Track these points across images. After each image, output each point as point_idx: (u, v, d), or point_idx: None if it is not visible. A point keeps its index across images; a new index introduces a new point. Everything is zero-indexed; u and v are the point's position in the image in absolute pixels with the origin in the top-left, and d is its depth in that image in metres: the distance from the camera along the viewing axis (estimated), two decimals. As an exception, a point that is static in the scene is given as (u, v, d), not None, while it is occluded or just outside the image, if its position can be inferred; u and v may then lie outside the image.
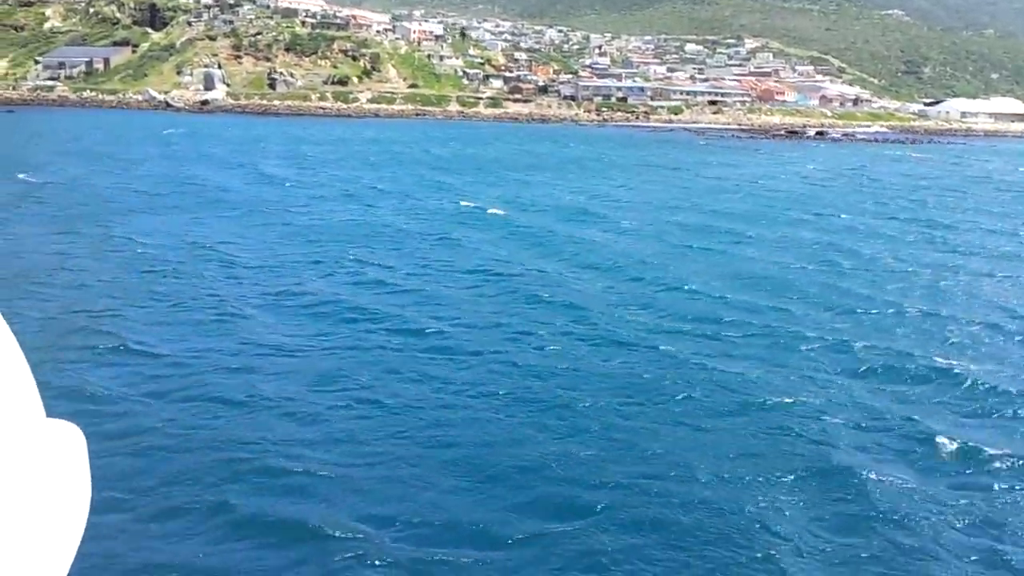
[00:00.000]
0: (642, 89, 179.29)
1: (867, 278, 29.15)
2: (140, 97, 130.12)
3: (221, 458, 13.85)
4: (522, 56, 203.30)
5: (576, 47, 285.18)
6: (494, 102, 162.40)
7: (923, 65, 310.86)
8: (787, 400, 17.07)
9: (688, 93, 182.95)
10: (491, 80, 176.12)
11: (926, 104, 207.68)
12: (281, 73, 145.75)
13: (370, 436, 14.88)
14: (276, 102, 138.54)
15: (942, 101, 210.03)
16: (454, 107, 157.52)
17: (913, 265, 31.72)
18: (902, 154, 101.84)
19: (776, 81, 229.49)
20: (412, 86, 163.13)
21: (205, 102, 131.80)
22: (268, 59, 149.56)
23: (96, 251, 29.54)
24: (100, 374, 17.53)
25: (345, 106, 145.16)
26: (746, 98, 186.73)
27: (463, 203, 43.44)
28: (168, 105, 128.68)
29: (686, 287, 26.51)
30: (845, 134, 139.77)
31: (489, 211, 40.76)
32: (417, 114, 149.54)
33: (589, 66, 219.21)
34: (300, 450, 14.27)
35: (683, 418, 16.08)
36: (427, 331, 21.21)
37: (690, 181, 59.59)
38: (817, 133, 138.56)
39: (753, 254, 32.71)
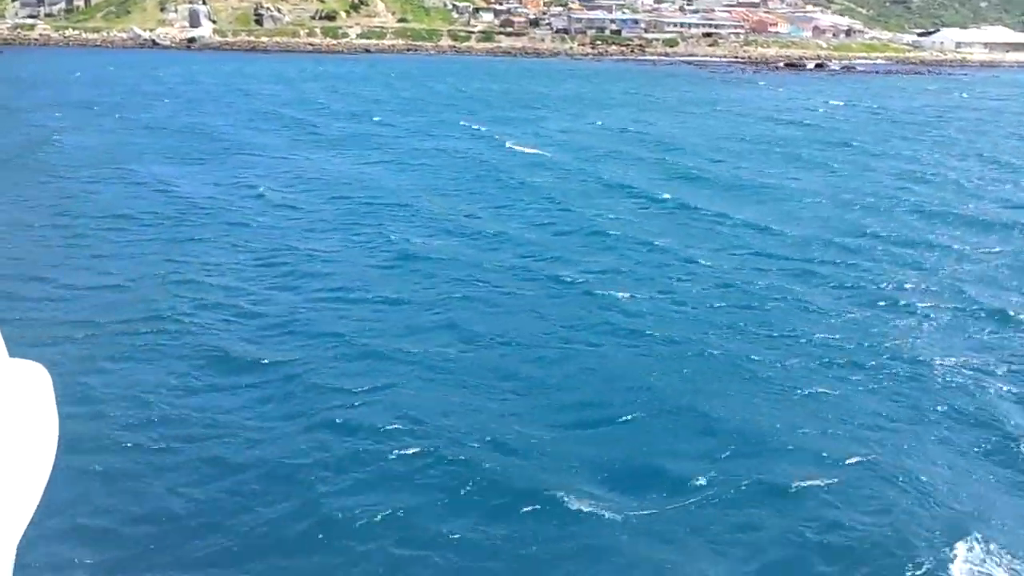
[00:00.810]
0: (636, 21, 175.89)
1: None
2: (125, 35, 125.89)
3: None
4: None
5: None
6: (486, 36, 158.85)
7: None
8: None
9: (682, 25, 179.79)
10: (481, 13, 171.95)
11: (919, 35, 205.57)
12: (268, 8, 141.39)
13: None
14: (264, 39, 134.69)
15: (935, 31, 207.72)
16: (446, 41, 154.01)
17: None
18: (918, 87, 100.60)
19: (767, 12, 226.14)
20: (401, 20, 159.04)
21: (192, 40, 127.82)
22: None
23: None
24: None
25: (335, 42, 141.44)
26: (739, 30, 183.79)
27: (513, 147, 42.08)
28: (155, 43, 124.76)
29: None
30: (845, 66, 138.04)
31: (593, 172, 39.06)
32: (409, 49, 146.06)
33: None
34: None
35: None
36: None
37: (734, 116, 58.60)
38: (816, 65, 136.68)
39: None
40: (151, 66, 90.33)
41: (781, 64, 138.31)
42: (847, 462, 12.15)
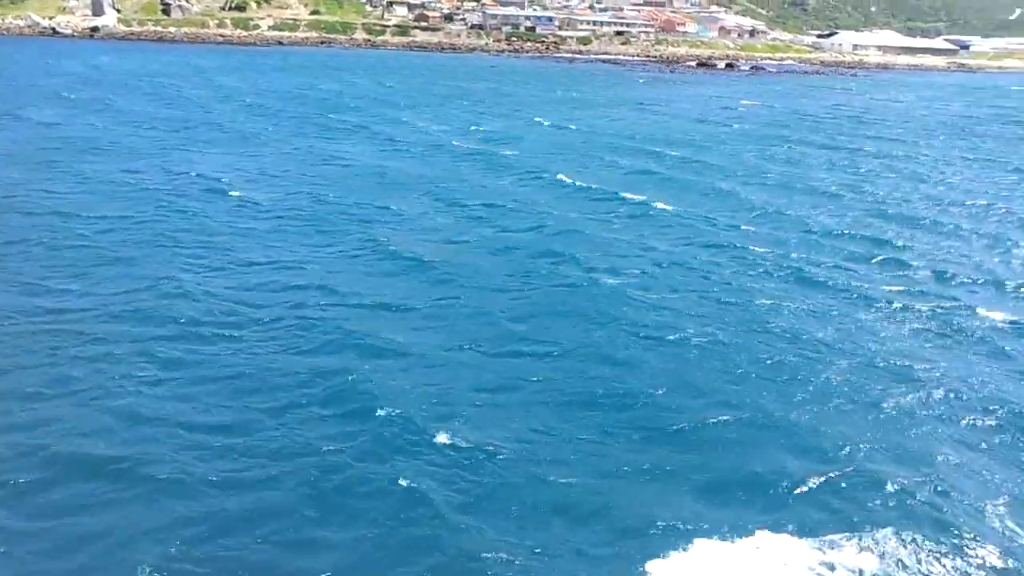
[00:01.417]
0: (550, 19, 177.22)
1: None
2: (22, 23, 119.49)
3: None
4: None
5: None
6: (401, 30, 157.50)
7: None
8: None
9: (594, 23, 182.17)
10: (395, 7, 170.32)
11: (818, 36, 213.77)
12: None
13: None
14: (172, 29, 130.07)
15: (834, 34, 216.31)
16: (360, 35, 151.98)
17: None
18: (829, 87, 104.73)
19: (674, 12, 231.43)
20: (314, 12, 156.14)
21: (95, 29, 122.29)
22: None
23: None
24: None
25: (246, 33, 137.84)
26: (649, 29, 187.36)
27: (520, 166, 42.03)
28: (55, 32, 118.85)
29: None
30: (753, 66, 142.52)
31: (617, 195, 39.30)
32: (322, 42, 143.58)
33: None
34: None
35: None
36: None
37: (665, 116, 59.69)
38: (727, 65, 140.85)
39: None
40: (52, 55, 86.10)
41: (693, 63, 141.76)
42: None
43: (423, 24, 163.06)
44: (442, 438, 12.64)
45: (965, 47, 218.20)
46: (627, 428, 13.33)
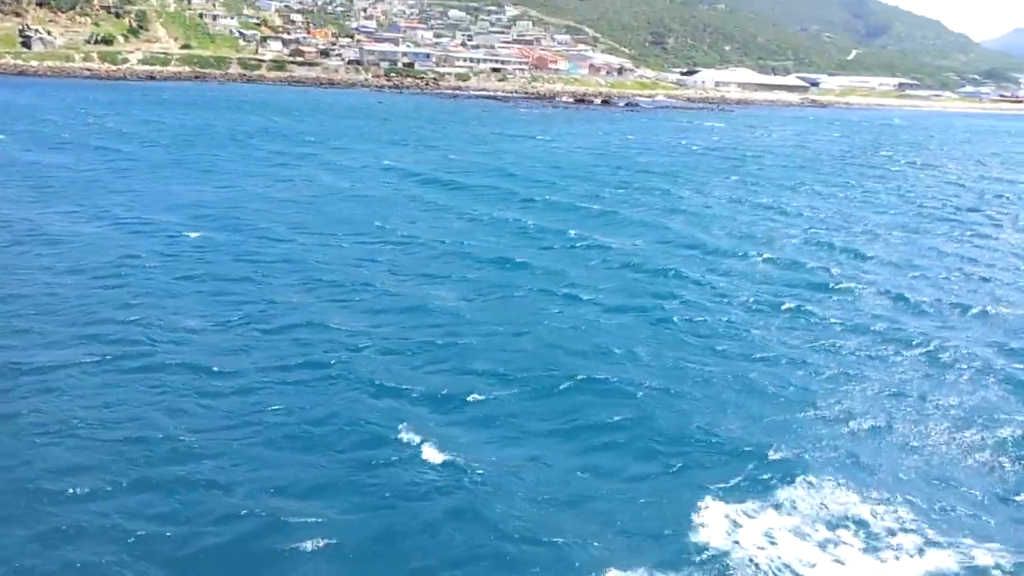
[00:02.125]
0: (427, 56, 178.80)
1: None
2: None
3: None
4: (298, 18, 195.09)
5: (340, 9, 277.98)
6: (278, 65, 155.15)
7: (667, 37, 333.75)
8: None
9: (470, 60, 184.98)
10: (269, 42, 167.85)
11: (682, 74, 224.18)
12: (36, 30, 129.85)
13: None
14: (34, 63, 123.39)
15: (697, 72, 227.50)
16: (235, 69, 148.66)
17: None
18: (703, 121, 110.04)
19: (543, 50, 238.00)
20: (185, 46, 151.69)
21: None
22: (18, 14, 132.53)
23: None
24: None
25: (114, 67, 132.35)
26: (523, 66, 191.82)
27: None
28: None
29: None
30: (628, 103, 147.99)
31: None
32: (197, 76, 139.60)
33: (357, 29, 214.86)
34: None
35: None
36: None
37: (565, 151, 61.16)
38: (603, 101, 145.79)
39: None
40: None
41: (570, 99, 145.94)
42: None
43: (299, 59, 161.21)
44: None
45: (815, 84, 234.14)
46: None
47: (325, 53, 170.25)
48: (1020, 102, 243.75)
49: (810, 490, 13.05)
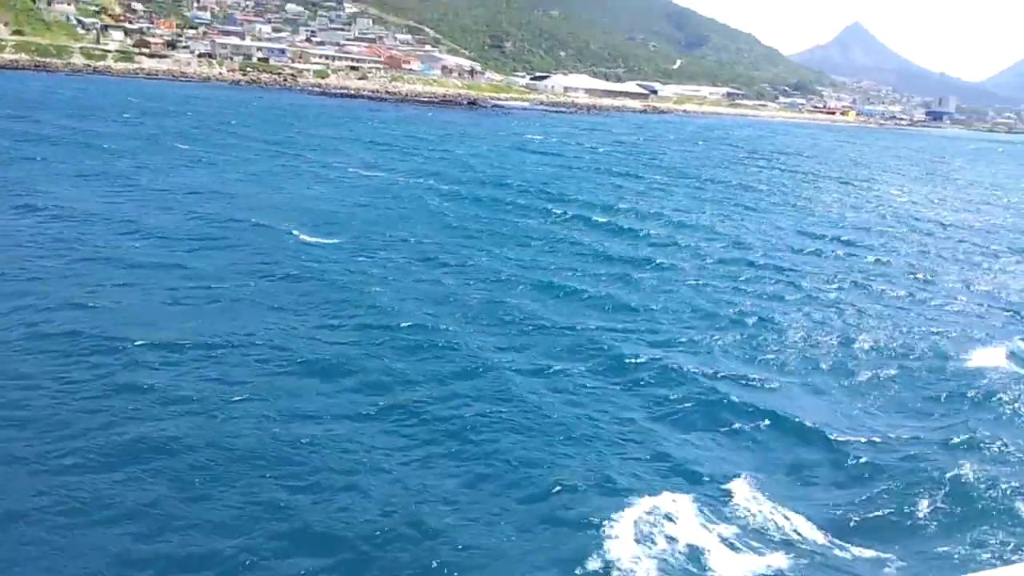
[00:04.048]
0: (282, 51, 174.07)
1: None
2: None
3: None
4: (140, 7, 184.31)
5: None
6: (125, 56, 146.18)
7: (506, 40, 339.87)
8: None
9: (326, 57, 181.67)
10: (111, 31, 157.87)
11: (532, 78, 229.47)
12: None
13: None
14: None
15: (547, 76, 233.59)
16: (79, 59, 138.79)
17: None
18: (581, 126, 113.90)
19: (390, 49, 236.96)
20: (17, 32, 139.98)
21: None
22: None
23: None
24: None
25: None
26: (378, 65, 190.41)
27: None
28: None
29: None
30: (495, 105, 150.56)
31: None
32: (37, 66, 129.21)
33: (195, 20, 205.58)
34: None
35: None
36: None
37: (468, 157, 61.52)
38: (470, 103, 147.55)
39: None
40: None
41: (437, 100, 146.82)
42: None
43: (145, 51, 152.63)
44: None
45: (654, 92, 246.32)
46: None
47: (172, 45, 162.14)
48: (832, 113, 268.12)
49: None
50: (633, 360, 17.52)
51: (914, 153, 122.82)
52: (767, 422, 15.02)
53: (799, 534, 11.56)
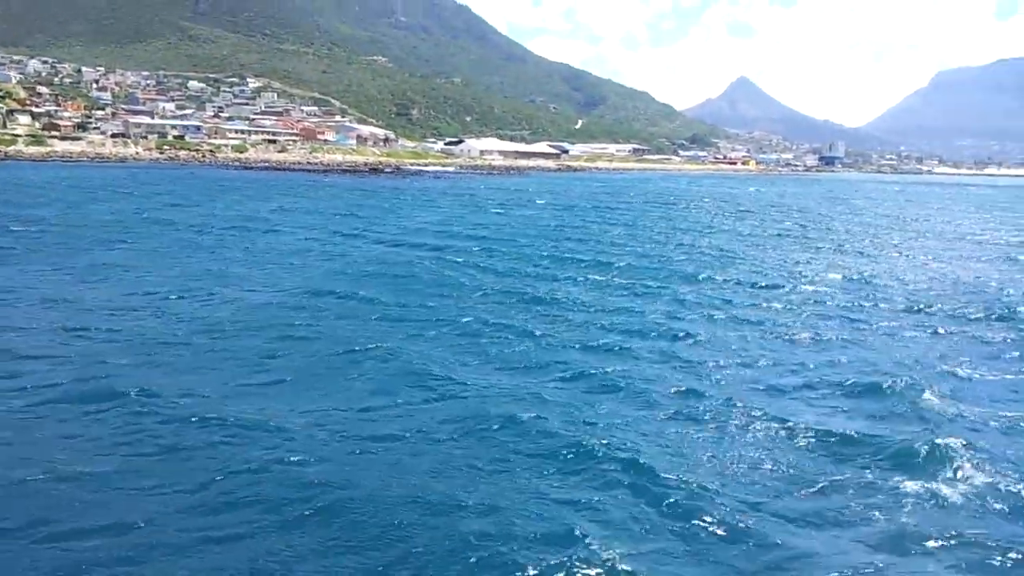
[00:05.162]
0: (198, 128, 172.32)
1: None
2: None
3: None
4: (45, 90, 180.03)
5: (68, 80, 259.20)
6: (37, 140, 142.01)
7: (412, 108, 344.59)
8: None
9: (241, 132, 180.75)
10: (17, 115, 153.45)
11: (447, 143, 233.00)
12: None
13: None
14: None
15: (462, 141, 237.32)
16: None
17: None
18: (509, 187, 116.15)
19: (298, 120, 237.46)
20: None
21: None
22: None
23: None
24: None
25: None
26: (295, 138, 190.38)
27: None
28: None
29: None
30: (417, 170, 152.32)
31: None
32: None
33: (97, 101, 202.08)
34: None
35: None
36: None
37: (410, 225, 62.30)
38: (396, 169, 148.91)
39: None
40: None
41: (365, 168, 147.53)
42: None
43: (55, 133, 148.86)
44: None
45: (565, 151, 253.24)
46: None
47: (82, 126, 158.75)
48: (734, 163, 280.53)
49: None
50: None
51: (834, 194, 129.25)
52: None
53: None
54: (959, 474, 13.43)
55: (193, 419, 14.76)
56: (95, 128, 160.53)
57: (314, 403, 16.02)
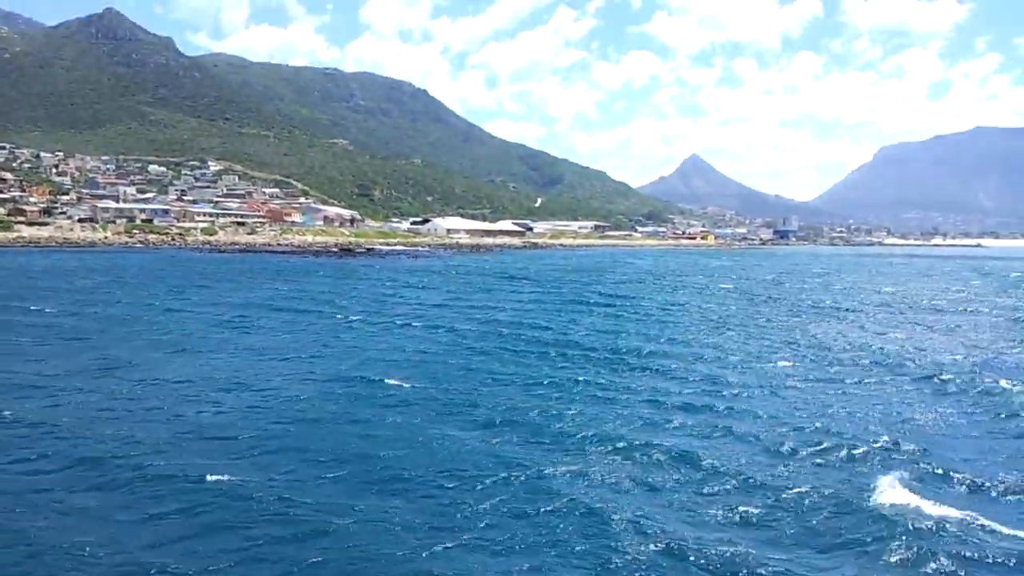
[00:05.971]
0: (166, 211, 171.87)
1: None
2: None
3: None
4: (10, 176, 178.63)
5: (28, 166, 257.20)
6: (4, 225, 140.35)
7: (373, 189, 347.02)
8: None
9: (210, 215, 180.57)
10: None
11: (413, 223, 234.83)
12: None
13: None
14: None
15: (429, 220, 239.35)
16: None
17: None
18: (481, 265, 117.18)
19: (263, 202, 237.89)
20: None
21: None
22: None
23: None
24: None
25: None
26: (263, 220, 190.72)
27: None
28: None
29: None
30: (390, 251, 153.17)
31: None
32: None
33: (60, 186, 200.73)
34: None
35: None
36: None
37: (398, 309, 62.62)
38: (368, 249, 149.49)
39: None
40: None
41: (335, 249, 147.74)
42: None
43: (23, 219, 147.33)
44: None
45: (529, 229, 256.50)
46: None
47: (48, 211, 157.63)
48: (693, 238, 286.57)
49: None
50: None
51: (802, 269, 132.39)
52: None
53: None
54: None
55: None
56: (61, 213, 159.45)
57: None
